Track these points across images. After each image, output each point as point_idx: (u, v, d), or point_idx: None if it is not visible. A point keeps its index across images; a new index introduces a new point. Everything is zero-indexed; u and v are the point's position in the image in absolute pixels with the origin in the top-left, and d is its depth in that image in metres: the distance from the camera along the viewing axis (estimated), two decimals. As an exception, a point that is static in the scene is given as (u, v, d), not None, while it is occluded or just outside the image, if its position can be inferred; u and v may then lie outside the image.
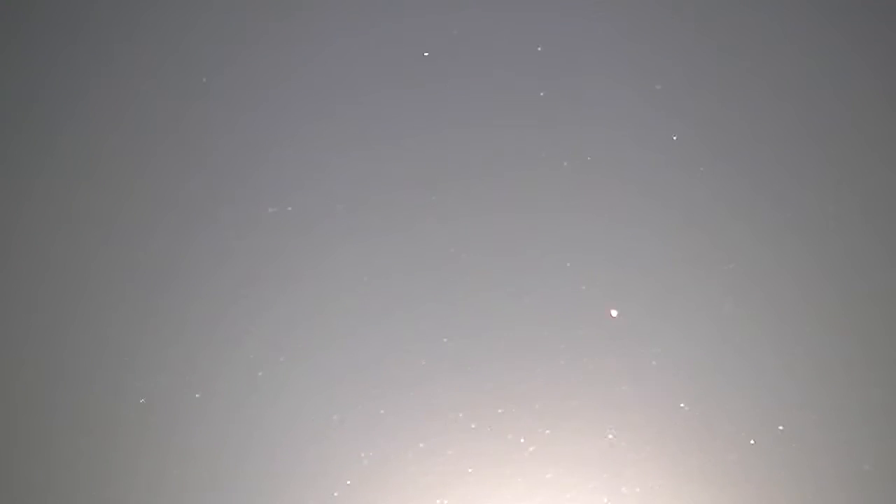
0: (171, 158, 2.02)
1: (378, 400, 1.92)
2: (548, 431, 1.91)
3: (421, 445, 1.91)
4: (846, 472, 1.88)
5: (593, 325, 1.94)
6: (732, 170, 2.00)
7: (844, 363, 1.92)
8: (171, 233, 1.98)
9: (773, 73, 2.04)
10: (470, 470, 1.90)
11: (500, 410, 1.92)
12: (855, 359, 1.93)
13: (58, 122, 2.03)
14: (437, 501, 1.89)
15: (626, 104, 2.03)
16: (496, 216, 1.99)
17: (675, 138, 1.96)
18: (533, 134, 2.02)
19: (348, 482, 1.90)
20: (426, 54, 1.93)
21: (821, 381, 1.92)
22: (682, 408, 1.91)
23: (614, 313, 1.86)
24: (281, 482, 1.90)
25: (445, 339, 1.94)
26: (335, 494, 1.89)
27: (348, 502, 1.89)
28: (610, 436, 1.90)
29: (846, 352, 1.93)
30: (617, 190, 2.00)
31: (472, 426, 1.91)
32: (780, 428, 1.90)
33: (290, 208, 1.99)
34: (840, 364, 1.92)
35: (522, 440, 1.91)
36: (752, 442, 1.89)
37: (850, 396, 1.91)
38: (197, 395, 1.92)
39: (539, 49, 2.05)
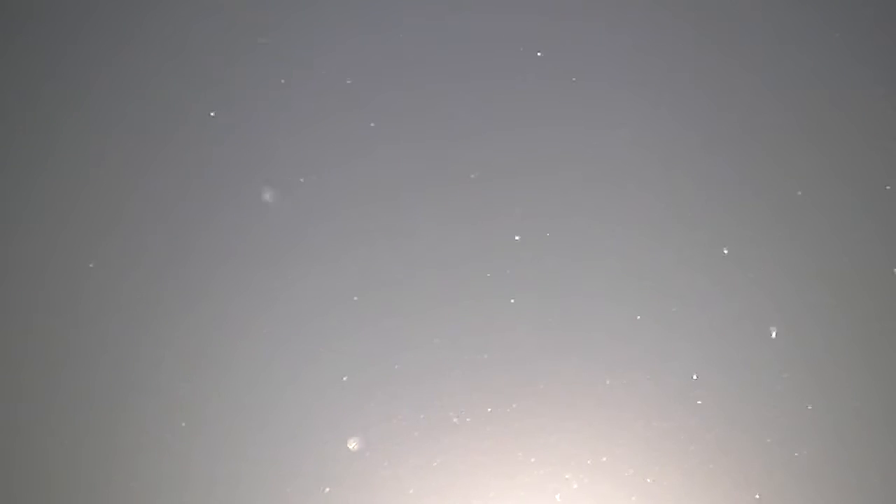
0: (171, 159, 2.02)
1: (378, 400, 1.93)
2: (550, 436, 1.92)
3: (421, 445, 1.91)
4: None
5: (592, 326, 1.95)
6: (733, 170, 2.00)
7: (843, 362, 1.93)
8: (172, 233, 1.98)
9: (773, 74, 2.04)
10: (471, 470, 1.91)
11: (489, 409, 1.92)
12: (854, 358, 1.93)
13: (58, 123, 2.03)
14: (437, 502, 1.90)
15: (625, 105, 2.03)
16: (495, 217, 1.99)
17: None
18: (532, 136, 2.02)
19: (349, 482, 1.90)
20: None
21: (819, 381, 1.92)
22: (688, 406, 1.92)
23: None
24: (281, 481, 1.90)
25: (445, 341, 1.95)
26: (328, 491, 1.90)
27: (348, 500, 1.90)
28: (605, 439, 1.91)
29: (845, 352, 1.93)
30: (617, 191, 2.00)
31: (471, 427, 1.92)
32: (773, 426, 1.91)
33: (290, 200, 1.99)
34: (838, 364, 1.93)
35: (530, 433, 1.92)
36: (738, 440, 1.90)
37: (848, 396, 1.91)
38: (197, 396, 1.92)
39: (539, 51, 2.05)
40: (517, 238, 1.98)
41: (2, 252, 1.98)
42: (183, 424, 1.91)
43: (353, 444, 1.89)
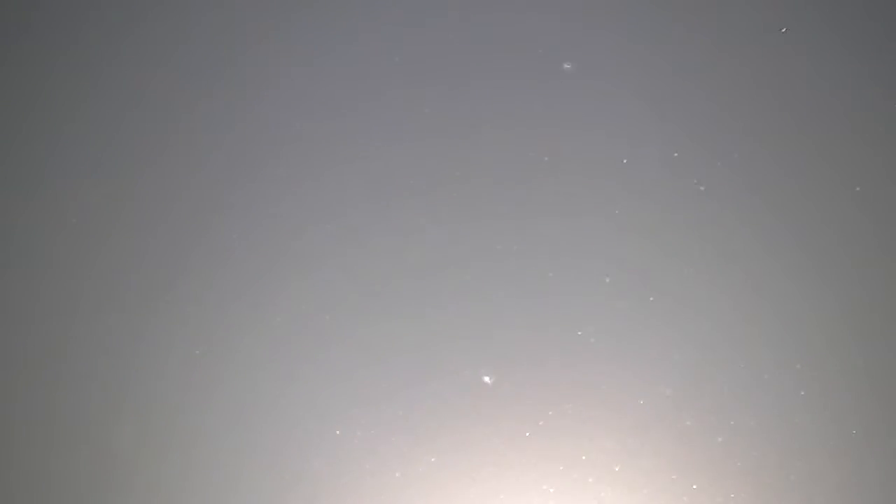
0: (172, 160, 2.02)
1: (378, 401, 1.93)
2: (546, 437, 1.92)
3: (420, 444, 1.92)
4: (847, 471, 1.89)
5: (592, 328, 1.95)
6: (732, 172, 2.00)
7: (843, 364, 1.93)
8: (173, 233, 1.99)
9: (773, 75, 2.04)
10: (471, 471, 1.91)
11: (496, 411, 1.93)
12: (854, 360, 1.93)
13: (58, 124, 2.03)
14: (440, 498, 1.90)
15: (626, 106, 2.03)
16: (494, 220, 1.99)
17: (675, 155, 1.96)
18: (532, 137, 2.02)
19: (348, 482, 1.91)
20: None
21: (819, 383, 1.92)
22: (685, 407, 1.92)
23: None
24: (281, 482, 1.91)
25: (444, 343, 1.95)
26: (333, 494, 1.90)
27: (349, 501, 1.90)
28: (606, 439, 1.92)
29: (845, 354, 1.93)
30: (615, 193, 2.00)
31: (472, 427, 1.92)
32: (782, 428, 1.91)
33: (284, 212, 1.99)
34: (838, 365, 1.93)
35: (527, 434, 1.92)
36: (718, 439, 1.91)
37: (848, 397, 1.91)
38: (197, 397, 1.93)
39: (539, 52, 2.05)
40: (516, 240, 1.98)
41: (2, 252, 1.98)
42: (183, 424, 1.92)
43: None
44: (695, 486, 1.89)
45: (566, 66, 1.80)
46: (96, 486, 1.90)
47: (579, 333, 1.94)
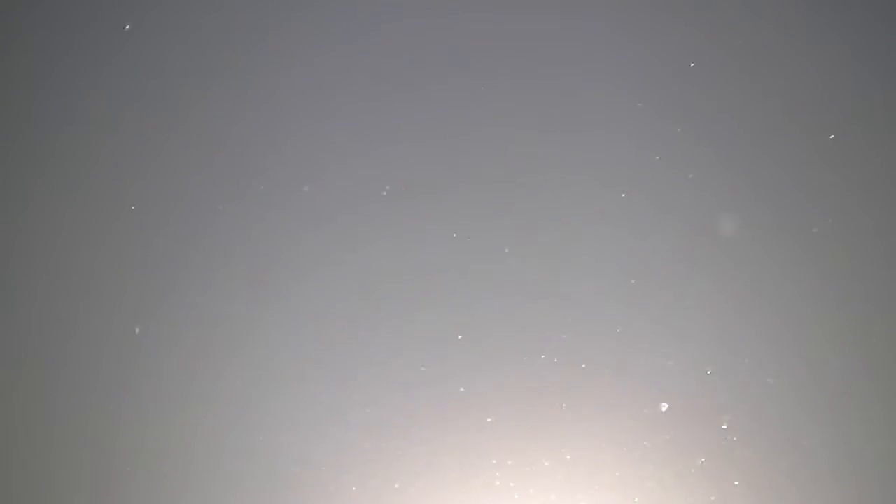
0: (172, 160, 2.02)
1: (378, 401, 1.93)
2: (547, 440, 1.92)
3: (421, 448, 1.92)
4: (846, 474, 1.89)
5: (594, 331, 1.95)
6: (732, 173, 2.00)
7: (843, 365, 1.93)
8: (173, 233, 1.99)
9: (773, 75, 2.04)
10: (473, 471, 1.91)
11: (496, 412, 1.93)
12: (854, 361, 1.93)
13: (58, 123, 2.03)
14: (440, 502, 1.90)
15: (626, 108, 2.03)
16: (495, 220, 1.99)
17: (690, 176, 1.96)
18: (532, 138, 2.02)
19: (346, 480, 1.91)
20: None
21: (820, 385, 1.92)
22: (687, 409, 1.92)
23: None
24: (281, 482, 1.91)
25: (446, 344, 1.95)
26: (334, 496, 1.90)
27: (349, 502, 1.90)
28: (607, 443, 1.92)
29: (846, 355, 1.93)
30: (615, 193, 2.00)
31: (472, 427, 1.92)
32: (784, 434, 1.91)
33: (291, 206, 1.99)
34: (839, 366, 1.93)
35: (527, 433, 1.92)
36: (733, 438, 1.90)
37: (849, 399, 1.91)
38: (197, 397, 1.93)
39: (539, 52, 2.05)
40: (516, 240, 1.98)
41: (2, 252, 1.98)
42: (183, 424, 1.92)
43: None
44: (694, 486, 1.89)
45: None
46: (96, 486, 1.90)
47: (567, 336, 1.94)
